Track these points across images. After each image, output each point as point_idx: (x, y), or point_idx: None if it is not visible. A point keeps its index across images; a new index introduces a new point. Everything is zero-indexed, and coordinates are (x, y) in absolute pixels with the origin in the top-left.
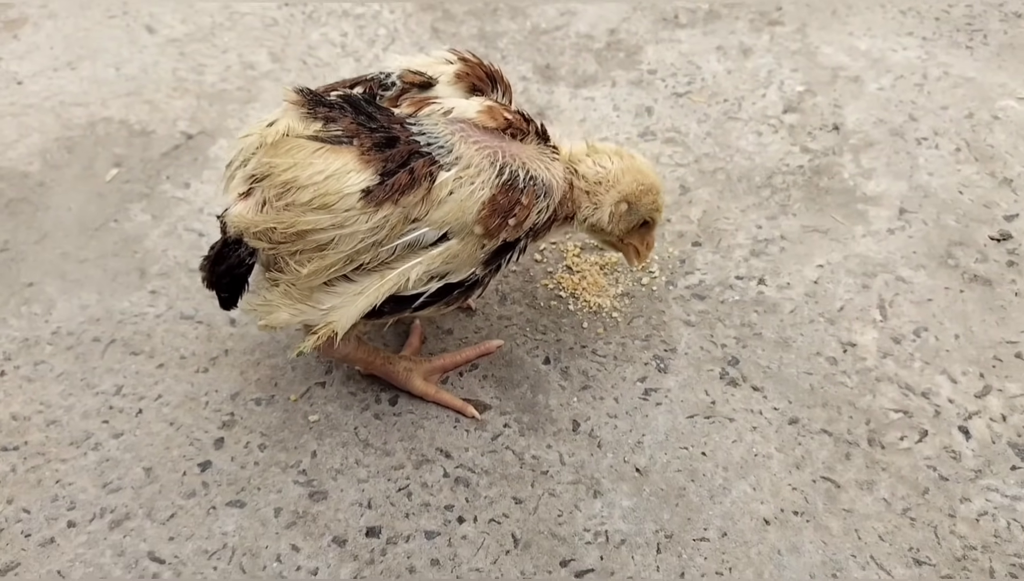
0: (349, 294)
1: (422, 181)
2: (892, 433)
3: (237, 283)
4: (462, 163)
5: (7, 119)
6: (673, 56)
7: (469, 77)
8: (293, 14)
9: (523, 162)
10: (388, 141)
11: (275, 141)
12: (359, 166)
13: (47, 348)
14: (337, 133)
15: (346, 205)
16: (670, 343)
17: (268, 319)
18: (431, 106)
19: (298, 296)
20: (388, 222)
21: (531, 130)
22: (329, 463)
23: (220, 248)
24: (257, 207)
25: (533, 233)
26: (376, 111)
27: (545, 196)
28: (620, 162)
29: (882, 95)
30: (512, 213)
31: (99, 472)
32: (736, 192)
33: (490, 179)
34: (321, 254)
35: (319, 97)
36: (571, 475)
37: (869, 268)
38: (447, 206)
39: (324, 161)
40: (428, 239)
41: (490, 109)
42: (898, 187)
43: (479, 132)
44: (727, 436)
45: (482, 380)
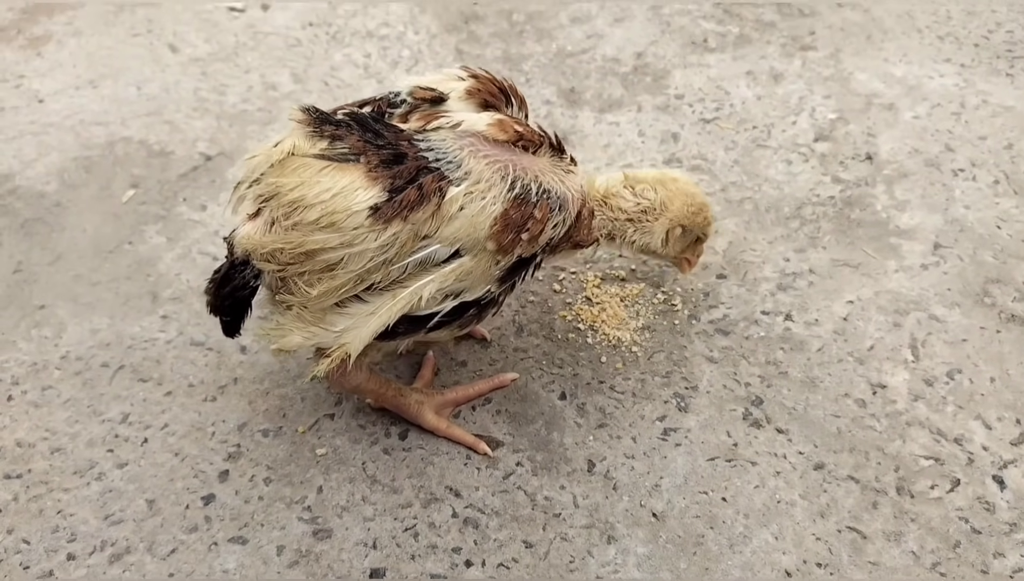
0: (362, 315)
1: (431, 197)
2: (922, 481)
3: (240, 307)
4: (472, 178)
5: (27, 138)
6: (701, 81)
7: (480, 93)
8: (317, 35)
9: (535, 175)
10: (396, 157)
11: (281, 160)
12: (366, 183)
13: (55, 373)
14: (343, 151)
15: (354, 223)
16: (691, 380)
17: (281, 343)
18: (440, 120)
19: (310, 319)
20: (398, 239)
21: (544, 142)
22: (335, 499)
23: (226, 270)
24: (265, 228)
25: (550, 248)
26: (383, 128)
27: (560, 209)
28: (664, 190)
29: (918, 124)
30: (525, 227)
31: (101, 503)
32: (763, 223)
33: (502, 193)
34: (331, 274)
35: (325, 115)
36: (584, 519)
37: (901, 305)
38: (458, 222)
39: (331, 179)
40: (440, 256)
41: (500, 122)
42: (933, 220)
43: (489, 145)
44: (749, 481)
45: (495, 415)
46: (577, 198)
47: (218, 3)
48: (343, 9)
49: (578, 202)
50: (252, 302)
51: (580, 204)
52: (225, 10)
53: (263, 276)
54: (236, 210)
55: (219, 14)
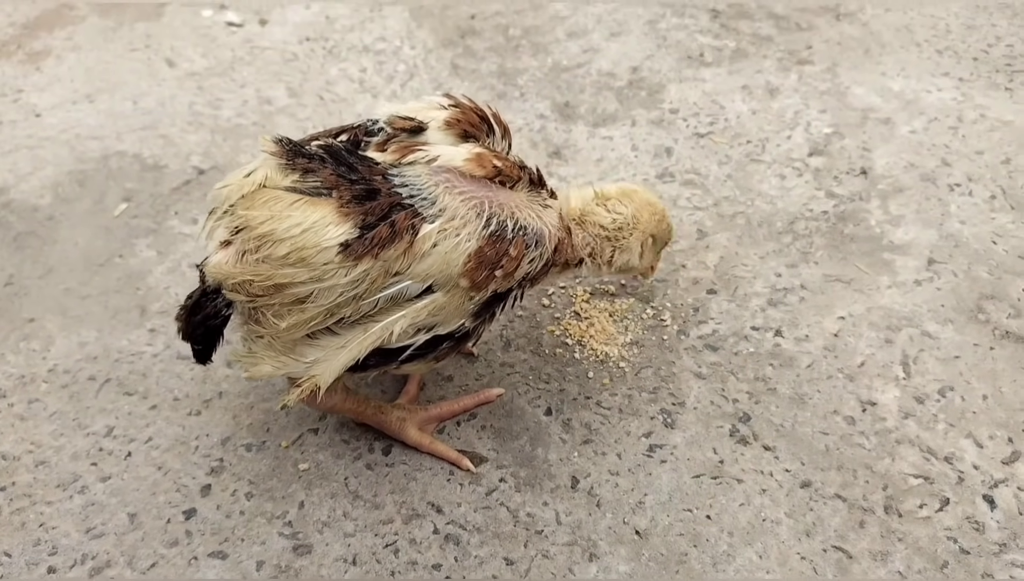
0: (332, 347)
1: (403, 234)
2: (911, 500)
3: (212, 335)
4: (446, 215)
5: (23, 152)
6: (696, 95)
7: (460, 124)
8: (314, 49)
9: (512, 211)
10: (368, 193)
11: (252, 192)
12: (338, 219)
13: (42, 386)
14: (316, 184)
15: (324, 259)
16: (679, 396)
17: (252, 372)
18: (416, 154)
19: (281, 348)
20: (368, 276)
21: (523, 177)
22: (316, 515)
23: (198, 297)
24: (236, 258)
25: (529, 281)
26: (358, 161)
27: (536, 245)
28: (632, 202)
29: (914, 138)
30: (499, 265)
31: (83, 516)
32: (756, 238)
33: (476, 231)
34: (300, 307)
35: (298, 147)
36: (567, 536)
37: (893, 322)
38: (430, 259)
39: (302, 213)
40: (412, 292)
41: (478, 157)
42: (927, 236)
43: (466, 181)
44: (734, 499)
45: (480, 431)
46: (554, 233)
47: (216, 18)
48: (340, 24)
49: (555, 237)
50: (224, 330)
51: (558, 239)
52: (223, 25)
53: (235, 304)
54: (209, 237)
55: (217, 29)
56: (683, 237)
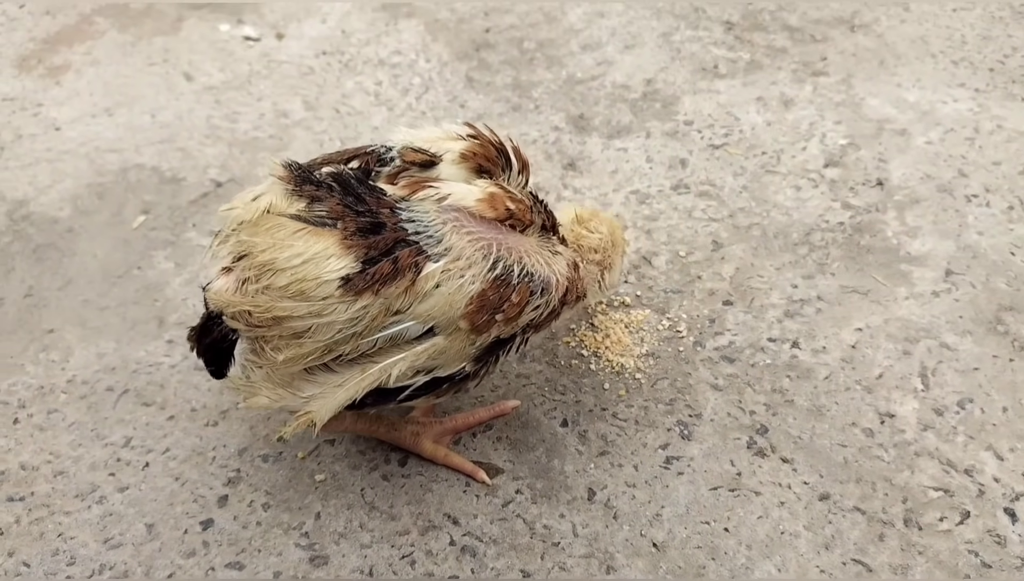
0: (329, 385)
1: (406, 272)
2: (931, 513)
3: (222, 356)
4: (452, 254)
5: (43, 165)
6: (711, 107)
7: (476, 157)
8: (330, 63)
9: (520, 256)
10: (373, 226)
11: (256, 218)
12: (340, 251)
13: (61, 396)
14: (321, 214)
15: (324, 293)
16: (695, 408)
17: (249, 402)
18: (428, 190)
19: (279, 381)
20: (368, 313)
21: (535, 221)
22: (333, 526)
23: (204, 321)
24: (236, 285)
25: (534, 327)
26: (366, 192)
27: (543, 293)
28: (602, 221)
29: (930, 149)
30: (501, 309)
31: (102, 527)
32: (771, 249)
33: (481, 273)
34: (298, 342)
35: (307, 174)
36: (584, 548)
37: (911, 333)
38: (432, 300)
39: (304, 243)
40: (412, 333)
41: (491, 197)
42: (945, 247)
43: (475, 222)
44: (752, 511)
45: (496, 442)
46: (563, 281)
47: (234, 33)
48: (356, 38)
49: (563, 286)
50: (234, 351)
51: (565, 287)
52: (240, 39)
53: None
54: (213, 258)
55: (234, 44)
56: (698, 248)
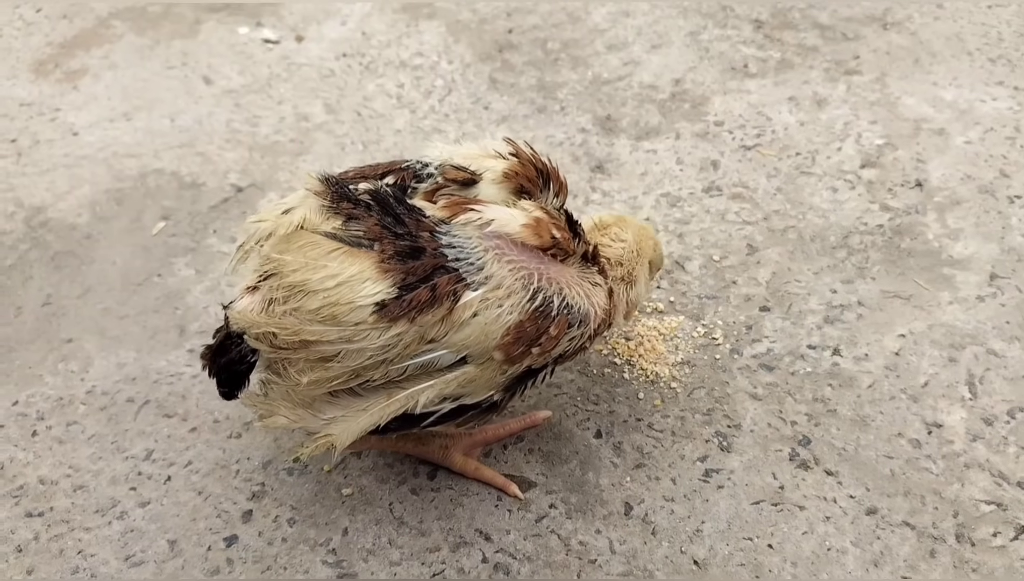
0: (353, 409)
1: (444, 300)
2: (983, 528)
3: (236, 379)
4: (491, 283)
5: (60, 170)
6: (742, 107)
7: (518, 177)
8: (351, 65)
9: (560, 287)
10: (413, 251)
11: (288, 234)
12: (376, 275)
13: (80, 408)
14: (358, 234)
15: (357, 318)
16: (734, 418)
17: (266, 422)
18: (468, 214)
19: (299, 401)
20: (401, 341)
21: (577, 251)
22: (360, 542)
23: (221, 341)
24: (262, 305)
25: (563, 359)
26: (406, 213)
27: (580, 326)
28: (629, 228)
29: (970, 149)
30: (538, 342)
31: (123, 543)
32: (809, 253)
33: (520, 303)
34: (325, 366)
35: (344, 190)
36: (621, 565)
37: (956, 339)
38: (469, 329)
39: (339, 264)
40: (444, 362)
41: (537, 223)
42: (988, 250)
43: (517, 250)
44: (797, 527)
45: (528, 454)
46: (599, 314)
47: (253, 35)
48: (377, 40)
49: (600, 317)
50: (249, 375)
51: (600, 320)
52: (260, 42)
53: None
54: (235, 272)
55: (254, 46)
56: (733, 252)
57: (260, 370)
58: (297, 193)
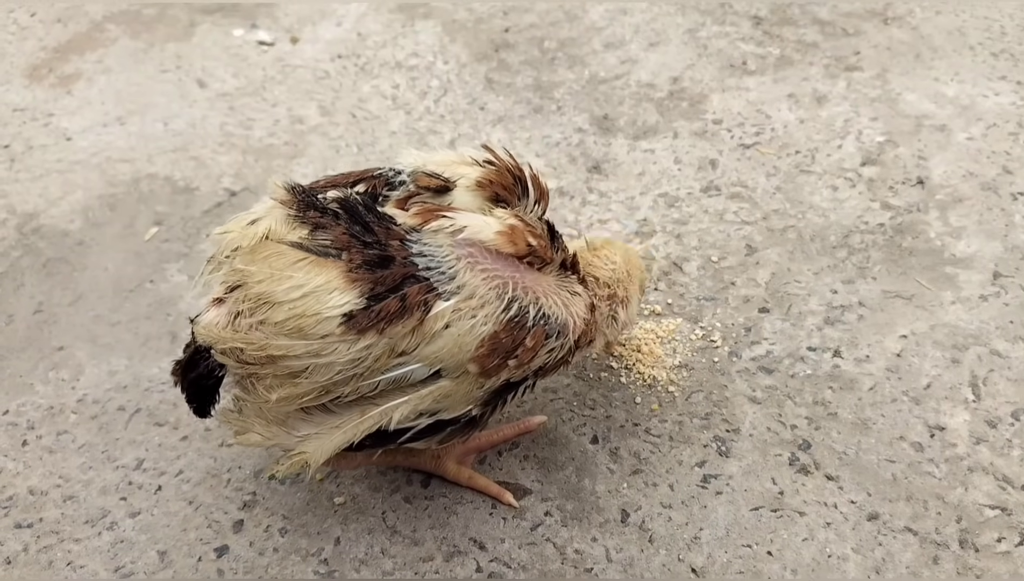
0: (326, 426)
1: (414, 310)
2: (988, 533)
3: (206, 395)
4: (464, 293)
5: (53, 176)
6: (740, 105)
7: (492, 186)
8: (346, 66)
9: (536, 297)
10: (381, 260)
11: (253, 245)
12: (344, 285)
13: (71, 417)
14: (325, 243)
15: (324, 330)
16: (733, 423)
17: (240, 439)
18: (441, 221)
19: (272, 418)
20: (371, 354)
21: (555, 259)
22: (353, 552)
23: (190, 356)
24: (228, 319)
25: (543, 372)
26: (375, 221)
27: (558, 336)
28: (616, 250)
29: (972, 145)
30: (514, 354)
31: (112, 554)
32: (808, 253)
33: (494, 314)
34: (293, 382)
35: (311, 198)
36: (618, 574)
37: (959, 340)
38: (441, 341)
39: (305, 275)
40: (417, 376)
41: (511, 231)
42: (992, 248)
43: (491, 258)
44: (797, 533)
45: (523, 461)
46: (579, 324)
47: (247, 38)
48: (372, 41)
49: (580, 328)
50: (219, 390)
51: (581, 330)
52: (254, 44)
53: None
54: (205, 286)
55: (248, 49)
56: (731, 253)
57: (230, 386)
58: (265, 203)
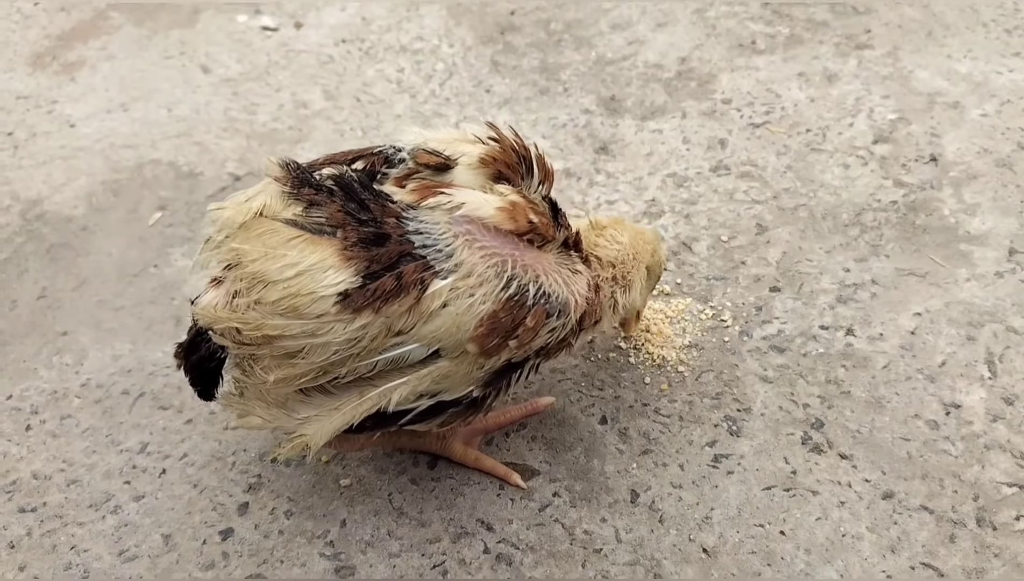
0: (326, 408)
1: (410, 289)
2: (1005, 511)
3: (208, 377)
4: (461, 271)
5: (57, 162)
6: (750, 84)
7: (496, 163)
8: (350, 51)
9: (536, 275)
10: (377, 238)
11: (248, 222)
12: (338, 263)
13: (75, 401)
14: (320, 220)
15: (319, 310)
16: (744, 402)
17: (241, 422)
18: (439, 197)
19: (272, 400)
20: (367, 333)
21: (557, 237)
22: (359, 534)
23: (191, 338)
24: (226, 299)
25: (545, 353)
26: (371, 198)
27: (559, 315)
28: (625, 230)
29: (986, 122)
30: (514, 334)
31: (116, 538)
32: (820, 231)
33: (493, 292)
34: (290, 362)
35: (306, 175)
36: (628, 555)
37: (975, 317)
38: (439, 320)
39: (299, 253)
40: (415, 356)
41: (512, 207)
42: (1007, 224)
43: (490, 235)
44: (810, 512)
45: (530, 442)
46: (581, 303)
47: (251, 23)
48: (376, 25)
49: (581, 307)
50: (222, 371)
51: (584, 310)
52: (258, 30)
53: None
54: (203, 267)
55: (252, 34)
56: (741, 232)
57: (230, 368)
58: (262, 181)
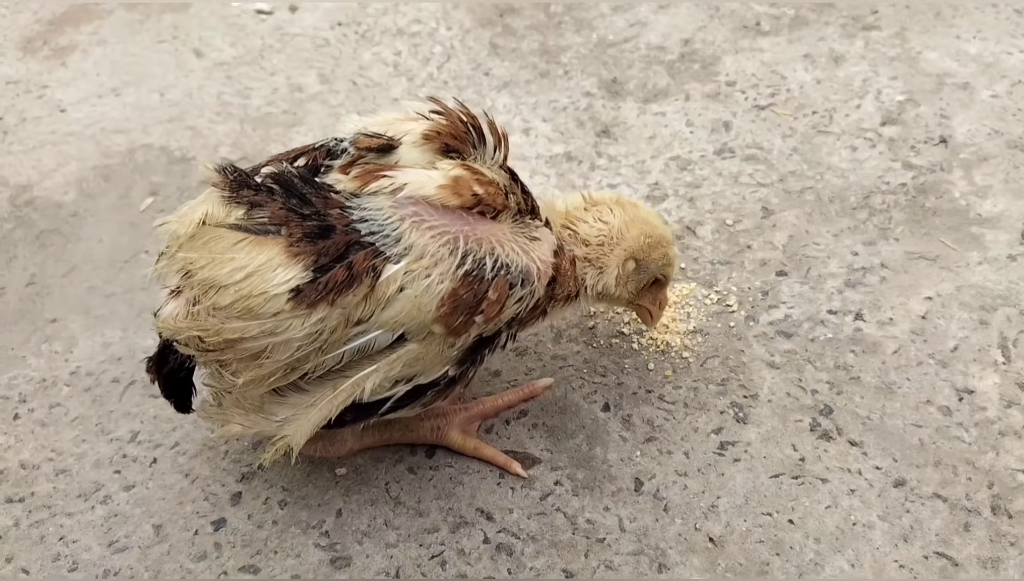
0: (302, 406)
1: (363, 277)
2: (1021, 499)
3: (180, 388)
4: (413, 253)
5: (47, 148)
6: (754, 66)
7: (441, 137)
8: (346, 34)
9: (491, 247)
10: (322, 230)
11: (191, 231)
12: (286, 260)
13: (64, 390)
14: (263, 220)
15: (274, 308)
16: (750, 388)
17: (221, 431)
18: (378, 182)
19: (249, 406)
20: (327, 326)
21: (508, 205)
22: (355, 524)
23: (159, 351)
24: (186, 309)
25: (518, 322)
26: (312, 192)
27: (523, 284)
28: (623, 213)
29: (996, 103)
30: (479, 309)
31: (106, 529)
32: (827, 214)
33: (449, 270)
34: (256, 363)
35: (244, 178)
36: (632, 544)
37: (987, 301)
38: (398, 305)
39: (246, 255)
40: (380, 343)
41: (455, 182)
42: (1019, 207)
43: (437, 214)
44: (819, 500)
45: (531, 429)
46: (544, 269)
47: (245, 6)
48: (373, 8)
49: (546, 273)
50: (193, 381)
51: (550, 276)
52: (252, 13)
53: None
54: (161, 281)
55: (246, 17)
56: (747, 216)
57: (200, 376)
58: (204, 192)
